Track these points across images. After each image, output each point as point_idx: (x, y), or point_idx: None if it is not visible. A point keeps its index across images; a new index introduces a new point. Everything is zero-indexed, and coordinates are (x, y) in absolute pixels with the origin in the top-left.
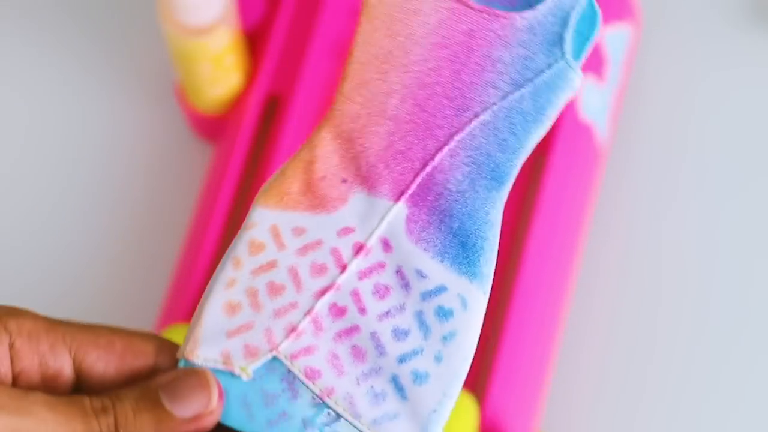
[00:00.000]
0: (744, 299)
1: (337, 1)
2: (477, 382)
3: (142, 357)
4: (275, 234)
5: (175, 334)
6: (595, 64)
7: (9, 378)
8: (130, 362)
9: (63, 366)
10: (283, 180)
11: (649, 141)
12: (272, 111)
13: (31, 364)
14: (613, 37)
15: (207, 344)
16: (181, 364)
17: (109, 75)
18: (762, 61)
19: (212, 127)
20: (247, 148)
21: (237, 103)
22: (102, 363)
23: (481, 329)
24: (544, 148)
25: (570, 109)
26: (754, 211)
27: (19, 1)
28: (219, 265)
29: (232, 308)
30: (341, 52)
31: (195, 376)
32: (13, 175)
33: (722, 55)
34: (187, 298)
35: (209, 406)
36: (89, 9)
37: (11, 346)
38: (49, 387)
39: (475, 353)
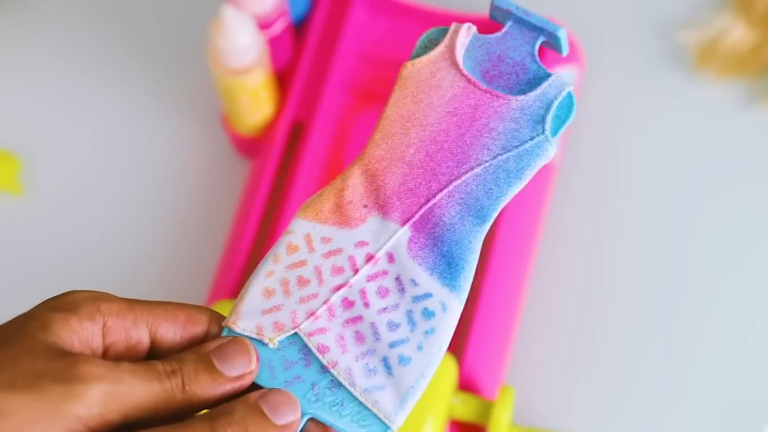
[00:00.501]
0: (664, 279)
1: (348, 48)
2: (456, 345)
3: (199, 325)
4: (308, 240)
5: (220, 308)
6: None
7: (100, 351)
8: (191, 330)
9: (142, 337)
10: (319, 200)
11: (590, 158)
12: (297, 134)
13: (119, 337)
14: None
15: (246, 318)
16: (225, 332)
17: (169, 107)
18: (678, 96)
19: (249, 147)
20: (277, 163)
21: (269, 127)
22: (171, 332)
23: None
24: None
25: None
26: (672, 214)
27: (99, 51)
28: (263, 258)
29: (269, 293)
30: (350, 88)
31: (238, 343)
32: (93, 183)
33: (648, 91)
34: (229, 281)
35: (250, 366)
36: (155, 56)
37: (104, 325)
38: (132, 353)
39: None
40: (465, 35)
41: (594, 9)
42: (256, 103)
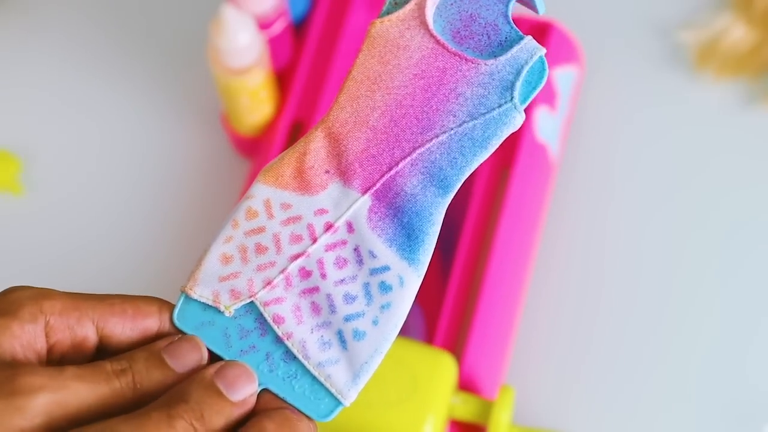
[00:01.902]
0: (665, 279)
1: (347, 48)
2: (456, 345)
3: (150, 317)
4: (267, 206)
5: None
6: (548, 97)
7: (44, 353)
8: (141, 323)
9: (88, 333)
10: (280, 164)
11: (590, 158)
12: (297, 134)
13: (63, 336)
14: (563, 76)
15: (203, 284)
16: (181, 298)
17: (169, 107)
18: (678, 96)
19: (249, 146)
20: None
21: (269, 127)
22: (119, 326)
23: (459, 305)
24: (508, 162)
25: (528, 132)
26: (673, 213)
27: (99, 51)
28: (223, 223)
29: (226, 259)
30: None
31: (189, 340)
32: (93, 183)
33: (647, 91)
34: None
35: (201, 363)
36: (155, 56)
37: (46, 324)
38: (78, 351)
39: (454, 323)
40: None
41: (594, 9)
42: (255, 103)
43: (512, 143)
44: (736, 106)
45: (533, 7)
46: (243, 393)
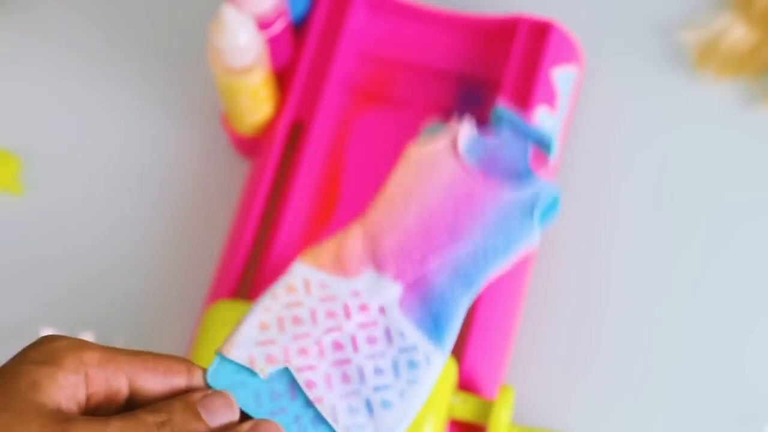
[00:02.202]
0: (665, 279)
1: (347, 48)
2: (456, 345)
3: (178, 375)
4: (306, 284)
5: (219, 308)
6: (548, 97)
7: (83, 403)
8: (170, 380)
9: (121, 386)
10: (321, 250)
11: (589, 158)
12: (297, 134)
13: (100, 387)
14: (562, 76)
15: (240, 347)
16: (217, 359)
17: (169, 106)
18: (677, 96)
19: (249, 146)
20: (277, 163)
21: (269, 127)
22: (150, 382)
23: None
24: None
25: None
26: (673, 213)
27: (99, 51)
28: (262, 295)
29: (264, 327)
30: (350, 88)
31: (222, 395)
32: (92, 183)
33: (647, 91)
34: (229, 281)
35: (233, 417)
36: (155, 56)
37: (86, 375)
38: (111, 402)
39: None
40: (466, 135)
41: (594, 9)
42: (255, 102)
43: None
44: (736, 106)
45: (546, 153)
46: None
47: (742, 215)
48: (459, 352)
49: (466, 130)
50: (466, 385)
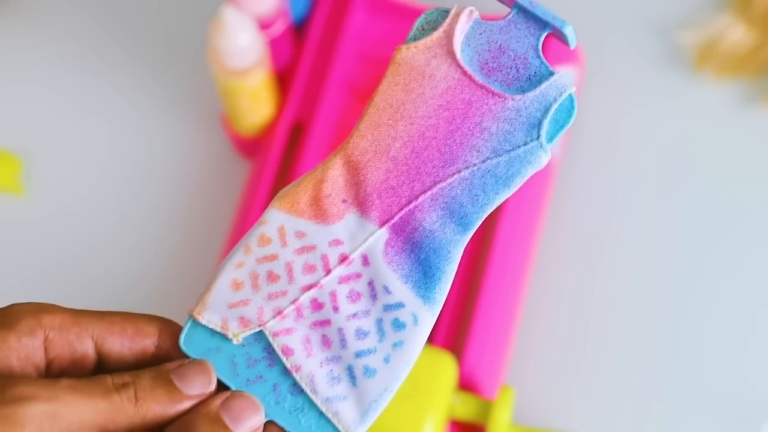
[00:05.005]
0: (665, 278)
1: (347, 49)
2: (456, 345)
3: (149, 337)
4: (281, 233)
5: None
6: None
7: (42, 366)
8: (140, 342)
9: (87, 350)
10: (296, 190)
11: (590, 157)
12: (296, 135)
13: (62, 351)
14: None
15: (211, 310)
16: (189, 321)
17: (169, 107)
18: (677, 96)
19: (250, 147)
20: (277, 163)
21: (269, 128)
22: (117, 345)
23: (459, 305)
24: None
25: None
26: (672, 213)
27: (99, 51)
28: (234, 248)
29: (237, 285)
30: (351, 89)
31: (199, 364)
32: (93, 183)
33: (647, 91)
34: None
35: (209, 387)
36: (155, 56)
37: (46, 338)
38: (77, 367)
39: (454, 323)
40: (466, 21)
41: (593, 9)
42: (256, 103)
43: None
44: (736, 107)
45: (565, 41)
46: (248, 426)
47: (742, 216)
48: (459, 352)
49: (464, 16)
50: (466, 385)
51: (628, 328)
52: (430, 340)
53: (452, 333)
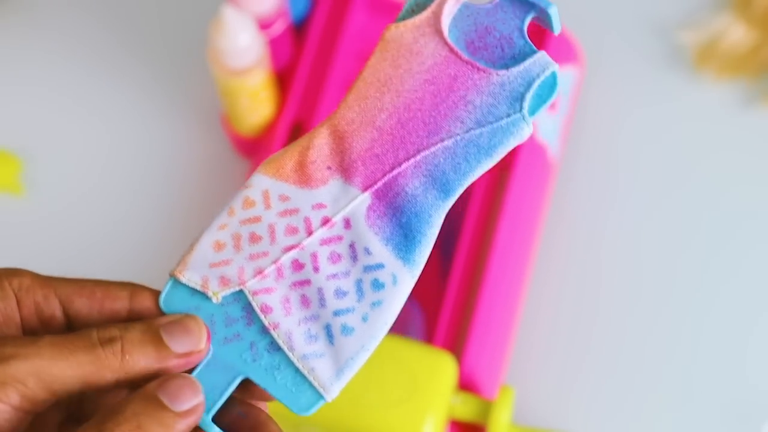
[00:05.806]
0: (665, 279)
1: (347, 49)
2: (456, 345)
3: (119, 301)
4: (265, 196)
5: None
6: None
7: (20, 328)
8: (109, 305)
9: (54, 311)
10: (282, 157)
11: (590, 158)
12: (296, 134)
13: (29, 312)
14: (562, 76)
15: (192, 269)
16: (170, 281)
17: (169, 107)
18: (677, 96)
19: (250, 147)
20: None
21: (269, 128)
22: (86, 307)
23: (459, 305)
24: (508, 162)
25: None
26: (673, 213)
27: (99, 51)
28: (218, 211)
29: (219, 246)
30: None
31: (192, 319)
32: (93, 183)
33: (647, 91)
34: None
35: (199, 345)
36: (155, 56)
37: (16, 299)
38: (47, 330)
39: (454, 323)
40: (453, 3)
41: (593, 9)
42: (256, 103)
43: None
44: (736, 106)
45: (549, 26)
46: (187, 404)
47: (742, 216)
48: (459, 352)
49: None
50: (466, 385)
51: (628, 328)
52: (430, 340)
53: (452, 333)
